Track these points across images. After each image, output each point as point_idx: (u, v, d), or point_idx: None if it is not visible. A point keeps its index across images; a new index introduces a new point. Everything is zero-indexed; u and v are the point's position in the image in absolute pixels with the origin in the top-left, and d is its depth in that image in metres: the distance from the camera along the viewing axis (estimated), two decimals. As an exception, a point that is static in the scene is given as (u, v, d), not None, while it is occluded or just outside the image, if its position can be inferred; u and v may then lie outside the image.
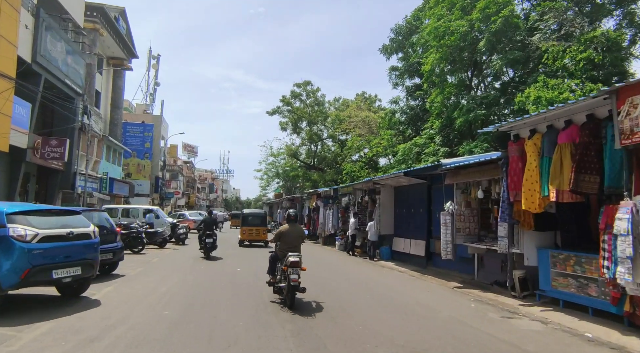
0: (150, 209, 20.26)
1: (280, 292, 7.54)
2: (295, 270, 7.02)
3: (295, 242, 7.83)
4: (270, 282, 7.96)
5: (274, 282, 7.77)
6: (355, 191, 18.67)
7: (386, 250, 15.97)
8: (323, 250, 20.44)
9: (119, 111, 40.94)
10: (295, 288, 7.00)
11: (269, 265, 8.07)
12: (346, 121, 27.15)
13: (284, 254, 7.46)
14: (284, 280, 7.25)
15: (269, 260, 8.09)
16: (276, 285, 7.67)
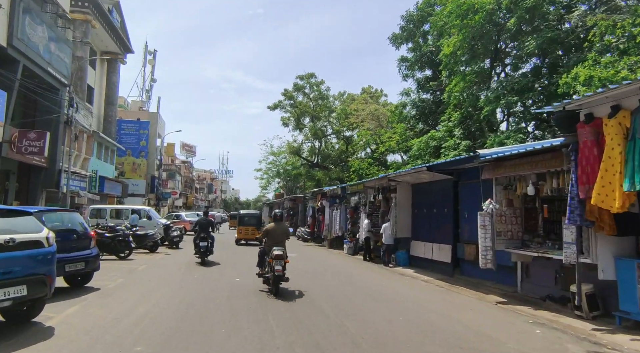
0: (135, 210, 18.52)
1: (268, 282, 8.55)
2: (279, 262, 8.16)
3: (279, 238, 8.97)
4: (259, 274, 9.04)
5: (263, 273, 8.88)
6: (367, 190, 16.97)
7: (403, 254, 14.26)
8: (329, 254, 18.72)
9: (113, 108, 39.36)
10: (280, 277, 8.15)
11: (258, 259, 9.19)
12: (353, 114, 25.40)
13: (270, 249, 8.54)
14: (270, 271, 8.30)
15: (258, 254, 9.25)
16: (264, 275, 8.78)
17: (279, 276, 8.08)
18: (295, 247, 21.21)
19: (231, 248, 18.96)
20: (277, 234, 8.99)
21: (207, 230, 14.71)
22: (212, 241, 14.91)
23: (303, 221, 31.06)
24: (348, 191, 18.83)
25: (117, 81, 40.04)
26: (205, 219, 15.46)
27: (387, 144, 19.82)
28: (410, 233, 14.38)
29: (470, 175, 11.15)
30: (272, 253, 8.27)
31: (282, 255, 8.34)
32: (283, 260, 8.31)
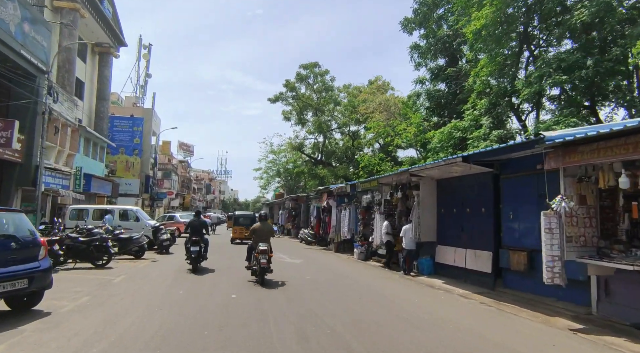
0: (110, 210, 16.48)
1: (255, 274, 9.78)
2: (264, 255, 9.40)
3: (265, 236, 10.05)
4: (248, 267, 10.38)
5: (250, 266, 10.19)
6: (382, 187, 14.97)
7: (427, 262, 12.26)
8: (338, 259, 16.71)
9: (105, 103, 37.43)
10: (265, 269, 9.43)
11: (247, 253, 10.49)
12: (362, 105, 23.38)
13: (256, 244, 9.75)
14: (256, 264, 9.59)
15: (247, 250, 10.53)
16: (252, 268, 10.10)
17: (264, 268, 9.42)
18: (299, 251, 19.19)
19: (227, 252, 16.98)
20: (262, 232, 10.14)
21: (199, 232, 12.88)
22: (206, 245, 13.06)
23: (306, 223, 29.05)
24: (359, 188, 16.84)
25: (109, 75, 38.17)
26: (198, 220, 13.58)
27: (403, 136, 17.79)
28: (435, 237, 12.39)
29: (517, 166, 9.18)
30: (258, 248, 9.57)
31: (267, 250, 9.52)
32: (267, 254, 9.52)
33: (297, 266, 13.45)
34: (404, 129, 18.25)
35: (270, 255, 9.67)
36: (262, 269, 9.36)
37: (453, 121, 15.71)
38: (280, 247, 21.02)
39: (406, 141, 17.47)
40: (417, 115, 18.25)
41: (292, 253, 17.59)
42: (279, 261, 14.61)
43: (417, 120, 18.08)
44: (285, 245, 22.78)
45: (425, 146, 17.65)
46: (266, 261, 9.36)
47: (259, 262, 9.40)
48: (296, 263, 14.11)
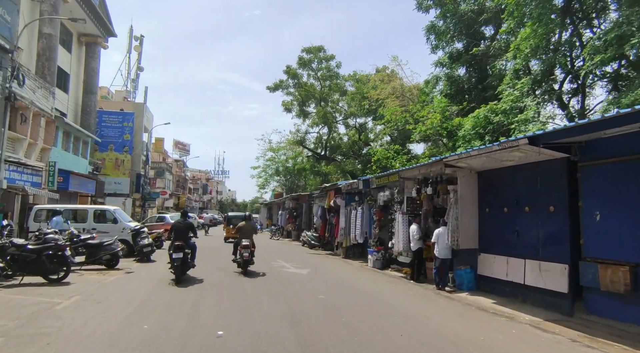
0: (59, 210, 13.85)
1: (239, 265, 11.48)
2: (247, 250, 11.27)
3: (248, 233, 11.86)
4: (233, 259, 11.81)
5: (236, 259, 11.68)
6: (404, 182, 12.53)
7: (467, 274, 9.81)
8: (349, 267, 14.26)
9: (92, 97, 34.97)
10: (247, 262, 11.34)
11: (233, 249, 11.89)
12: (372, 92, 20.87)
13: (240, 241, 11.58)
14: (240, 257, 11.35)
15: (233, 245, 12.00)
16: (237, 261, 11.63)
17: (246, 261, 11.22)
18: (302, 257, 16.71)
19: (221, 257, 14.51)
20: (246, 230, 11.84)
21: (185, 236, 10.78)
22: (193, 250, 10.99)
23: (308, 224, 26.59)
24: (373, 185, 14.39)
25: (97, 67, 35.75)
26: (183, 222, 11.28)
27: (428, 123, 15.25)
28: (476, 243, 9.93)
29: (608, 150, 6.74)
30: (242, 243, 11.35)
31: (249, 245, 11.33)
32: (249, 248, 11.30)
33: (304, 278, 10.99)
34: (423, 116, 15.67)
35: (252, 249, 11.57)
36: (245, 261, 11.25)
37: (490, 103, 13.25)
38: (281, 252, 18.55)
39: (431, 128, 15.01)
40: (441, 99, 15.75)
41: (295, 260, 15.13)
42: (281, 271, 12.13)
43: (442, 104, 15.55)
44: (286, 250, 20.30)
45: (451, 135, 15.21)
46: (248, 254, 11.24)
47: (242, 255, 11.20)
48: (302, 274, 11.65)
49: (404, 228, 12.01)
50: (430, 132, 15.34)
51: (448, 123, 15.05)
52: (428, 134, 15.58)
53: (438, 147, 16.65)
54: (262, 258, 15.68)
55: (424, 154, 16.92)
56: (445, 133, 15.26)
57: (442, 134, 15.58)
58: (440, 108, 15.45)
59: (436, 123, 15.01)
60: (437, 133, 15.48)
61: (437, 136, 15.97)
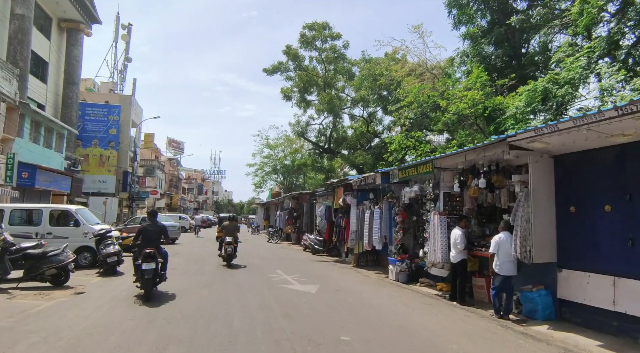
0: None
1: (224, 259, 13.14)
2: (230, 245, 12.97)
3: (231, 231, 13.47)
4: (219, 254, 13.66)
5: (221, 254, 13.42)
6: (440, 174, 9.76)
7: (542, 298, 7.06)
8: (366, 281, 11.48)
9: (74, 88, 32.09)
10: (231, 256, 13.05)
11: (219, 245, 13.85)
12: (384, 76, 18.06)
13: (224, 238, 13.24)
14: (224, 252, 13.03)
15: (218, 242, 14.02)
16: (221, 255, 13.33)
17: (230, 255, 13.02)
18: (306, 266, 13.90)
19: (207, 269, 11.71)
20: (230, 229, 13.59)
21: (156, 241, 8.65)
22: (165, 260, 8.81)
23: (309, 226, 23.80)
24: (395, 178, 11.60)
25: (79, 56, 32.91)
26: (154, 225, 8.60)
27: (468, 99, 12.26)
28: (554, 255, 7.17)
29: None
30: (226, 240, 13.13)
31: (231, 242, 13.12)
32: (232, 244, 13.10)
33: (314, 301, 8.20)
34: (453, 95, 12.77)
35: (235, 245, 13.29)
36: (229, 256, 13.01)
37: (549, 73, 10.53)
38: (281, 259, 15.69)
39: (472, 107, 12.17)
40: (481, 72, 12.86)
41: (298, 271, 12.33)
42: (282, 289, 9.32)
43: (482, 78, 12.69)
44: (286, 256, 17.48)
45: (490, 119, 12.45)
46: (231, 249, 13.03)
47: (226, 251, 12.97)
48: (310, 295, 8.86)
49: (443, 232, 9.26)
50: (470, 112, 12.48)
51: (490, 102, 12.24)
52: (467, 113, 12.66)
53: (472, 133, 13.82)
54: (258, 268, 12.87)
55: (452, 143, 14.19)
56: (486, 114, 12.38)
57: (479, 116, 12.78)
58: (479, 83, 12.64)
59: (479, 99, 12.16)
60: (475, 114, 12.66)
61: (473, 118, 13.15)
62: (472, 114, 12.76)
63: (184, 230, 37.97)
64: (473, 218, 9.59)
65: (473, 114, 12.77)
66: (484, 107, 12.34)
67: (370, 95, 20.20)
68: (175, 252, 17.80)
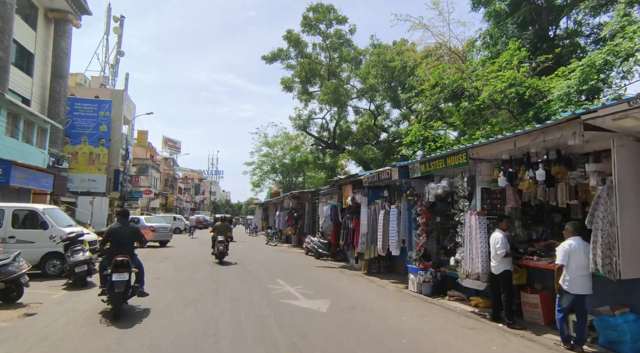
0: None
1: (216, 256, 14.20)
2: (221, 244, 14.13)
3: (223, 231, 14.70)
4: (212, 252, 14.60)
5: (214, 252, 14.38)
6: (476, 166, 8.03)
7: (631, 325, 5.35)
8: (380, 292, 9.77)
9: (62, 82, 30.31)
10: (222, 253, 14.16)
11: (212, 243, 14.72)
12: (397, 59, 16.32)
13: (217, 237, 14.38)
14: (216, 250, 14.12)
15: (211, 240, 14.83)
16: (214, 253, 14.34)
17: (222, 253, 14.11)
18: (310, 275, 12.14)
19: (197, 272, 9.98)
20: (222, 228, 14.82)
21: (128, 247, 7.12)
22: (141, 271, 7.33)
23: (311, 227, 22.07)
24: (417, 173, 9.90)
25: (68, 48, 31.21)
26: (126, 226, 6.80)
27: (508, 77, 10.46)
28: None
29: None
30: (218, 239, 14.28)
31: (223, 241, 14.30)
32: (224, 243, 14.26)
33: (326, 324, 6.48)
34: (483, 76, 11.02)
35: (226, 244, 14.57)
36: (221, 253, 14.17)
37: (608, 44, 8.89)
38: (282, 265, 13.82)
39: (510, 84, 10.40)
40: (517, 48, 11.01)
41: (303, 280, 10.60)
42: (285, 306, 7.56)
43: (521, 53, 10.88)
44: (287, 261, 15.75)
45: (527, 104, 10.77)
46: (223, 247, 14.21)
47: (218, 249, 14.16)
48: (321, 313, 7.15)
49: (482, 236, 7.55)
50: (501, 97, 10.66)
51: (532, 81, 10.46)
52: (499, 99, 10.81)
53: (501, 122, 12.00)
54: (256, 277, 11.13)
55: (474, 134, 12.41)
56: (527, 96, 10.51)
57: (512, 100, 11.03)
58: (517, 60, 10.86)
59: (520, 78, 10.37)
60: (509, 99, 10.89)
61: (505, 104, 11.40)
62: (506, 98, 10.99)
63: (179, 231, 36.25)
64: (517, 219, 7.89)
65: (507, 98, 11.00)
66: (525, 89, 10.55)
67: (380, 83, 18.38)
68: (165, 256, 16.08)
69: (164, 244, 21.83)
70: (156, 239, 21.36)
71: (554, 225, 8.11)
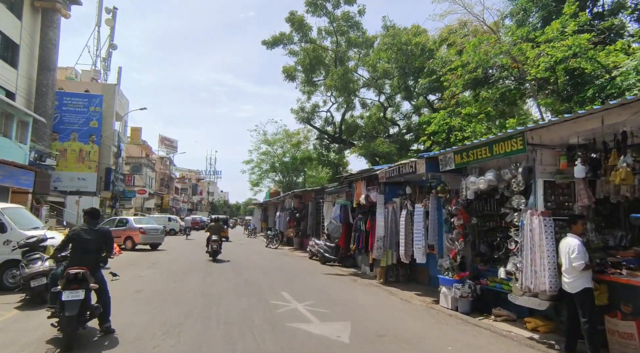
0: None
1: (210, 255, 15.13)
2: (215, 243, 15.03)
3: (216, 231, 15.59)
4: (206, 251, 15.51)
5: (208, 251, 15.30)
6: (536, 154, 6.31)
7: None
8: (407, 309, 8.09)
9: (49, 74, 28.65)
10: (216, 252, 15.03)
11: (206, 242, 15.74)
12: (413, 43, 14.58)
13: (211, 237, 15.32)
14: (210, 249, 15.12)
15: (206, 240, 15.89)
16: (208, 251, 15.28)
17: (215, 251, 14.99)
18: (319, 284, 10.39)
19: (187, 282, 8.24)
20: (215, 228, 15.72)
21: (92, 256, 5.51)
22: (102, 289, 5.65)
23: (315, 229, 20.36)
24: (450, 165, 8.20)
25: (56, 39, 29.55)
26: (94, 230, 4.99)
27: (570, 44, 8.59)
28: None
29: None
30: (212, 238, 15.21)
31: (217, 240, 15.17)
32: (217, 242, 15.14)
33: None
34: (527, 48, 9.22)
35: (220, 243, 15.36)
36: (214, 251, 15.03)
37: None
38: (285, 273, 11.69)
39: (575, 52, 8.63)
40: (576, 15, 9.20)
41: (311, 293, 8.88)
42: (295, 331, 5.80)
43: (582, 18, 9.18)
44: (289, 266, 14.01)
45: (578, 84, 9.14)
46: (217, 246, 15.08)
47: (212, 247, 15.06)
48: (343, 344, 5.44)
49: (549, 243, 5.86)
50: (561, 70, 8.94)
51: (592, 53, 8.72)
52: (557, 71, 9.09)
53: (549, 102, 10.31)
54: (256, 288, 9.40)
55: (511, 122, 10.66)
56: (589, 69, 8.76)
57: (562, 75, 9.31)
58: (575, 26, 9.10)
59: (586, 45, 8.64)
60: (561, 73, 9.19)
61: (552, 82, 9.70)
62: (554, 76, 9.25)
63: (174, 233, 34.52)
64: (589, 221, 6.21)
65: (555, 76, 9.27)
66: (587, 61, 8.78)
67: (394, 69, 16.58)
68: (153, 261, 14.36)
69: (155, 247, 20.08)
70: (146, 242, 19.62)
71: (634, 228, 6.44)
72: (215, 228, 15.86)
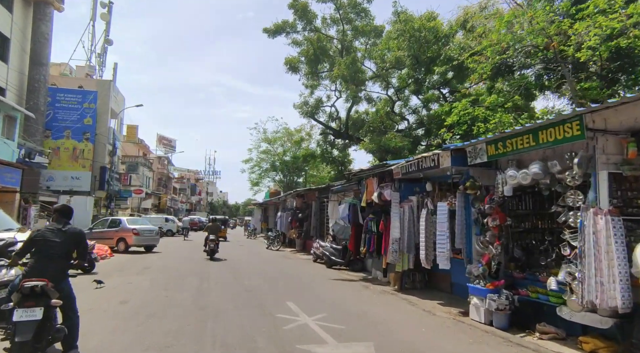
0: None
1: (207, 253, 15.64)
2: (212, 242, 15.64)
3: (214, 231, 16.29)
4: (204, 250, 15.92)
5: (206, 249, 15.80)
6: (597, 141, 5.24)
7: None
8: (433, 323, 7.01)
9: (42, 69, 27.56)
10: (213, 251, 15.63)
11: (204, 241, 16.11)
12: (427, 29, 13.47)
13: (209, 236, 15.92)
14: (208, 247, 15.64)
15: (204, 239, 16.20)
16: (206, 250, 15.75)
17: (213, 250, 15.57)
18: (329, 292, 9.24)
19: (182, 291, 7.15)
20: (213, 228, 16.44)
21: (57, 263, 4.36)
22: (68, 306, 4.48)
23: (319, 230, 19.29)
24: (481, 156, 7.13)
25: (48, 33, 28.49)
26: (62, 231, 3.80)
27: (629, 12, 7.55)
28: None
29: None
30: (209, 237, 15.76)
31: (215, 239, 15.82)
32: (215, 241, 15.78)
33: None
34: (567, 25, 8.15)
35: (217, 242, 16.11)
36: (212, 250, 15.60)
37: None
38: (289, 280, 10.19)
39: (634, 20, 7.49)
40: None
41: (322, 305, 7.78)
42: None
43: None
44: (293, 271, 12.90)
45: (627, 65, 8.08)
46: (214, 245, 15.69)
47: (209, 246, 15.59)
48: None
49: (619, 248, 4.77)
50: (606, 51, 7.81)
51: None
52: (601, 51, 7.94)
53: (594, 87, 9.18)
54: (258, 298, 8.28)
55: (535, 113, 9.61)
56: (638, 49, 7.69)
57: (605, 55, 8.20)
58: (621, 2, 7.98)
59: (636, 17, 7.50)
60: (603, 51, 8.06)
61: (598, 64, 8.65)
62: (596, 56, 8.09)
63: (171, 234, 33.45)
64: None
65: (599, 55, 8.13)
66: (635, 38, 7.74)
67: (407, 57, 15.46)
68: (146, 266, 13.27)
69: (149, 249, 18.99)
70: (140, 243, 18.53)
71: None
72: (213, 228, 16.53)
